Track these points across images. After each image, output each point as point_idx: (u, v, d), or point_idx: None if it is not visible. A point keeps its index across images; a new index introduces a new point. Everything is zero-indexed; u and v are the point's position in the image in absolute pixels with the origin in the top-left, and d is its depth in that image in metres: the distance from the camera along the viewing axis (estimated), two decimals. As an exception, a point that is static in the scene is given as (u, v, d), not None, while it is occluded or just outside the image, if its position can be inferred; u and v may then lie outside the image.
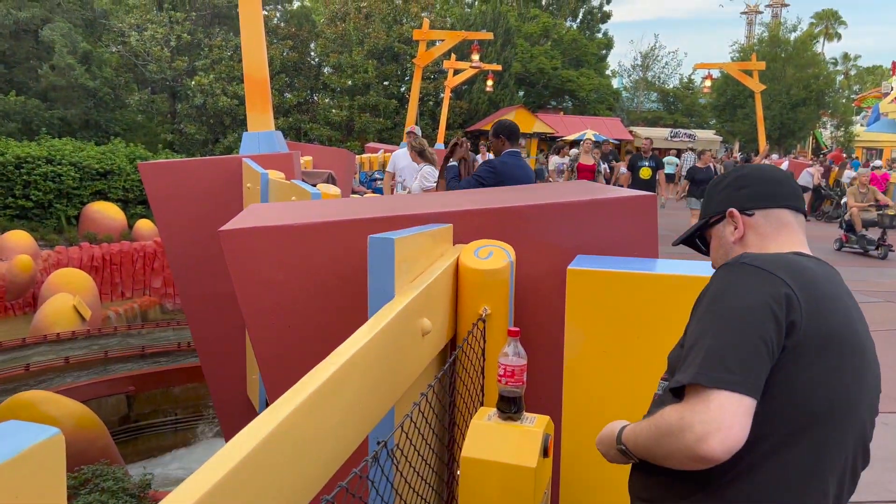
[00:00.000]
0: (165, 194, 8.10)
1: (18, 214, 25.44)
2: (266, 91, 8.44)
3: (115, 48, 32.31)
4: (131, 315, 23.99)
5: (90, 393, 13.69)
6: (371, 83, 34.79)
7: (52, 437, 0.88)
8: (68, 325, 19.53)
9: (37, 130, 27.44)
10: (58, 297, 20.02)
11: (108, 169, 26.87)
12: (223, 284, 8.09)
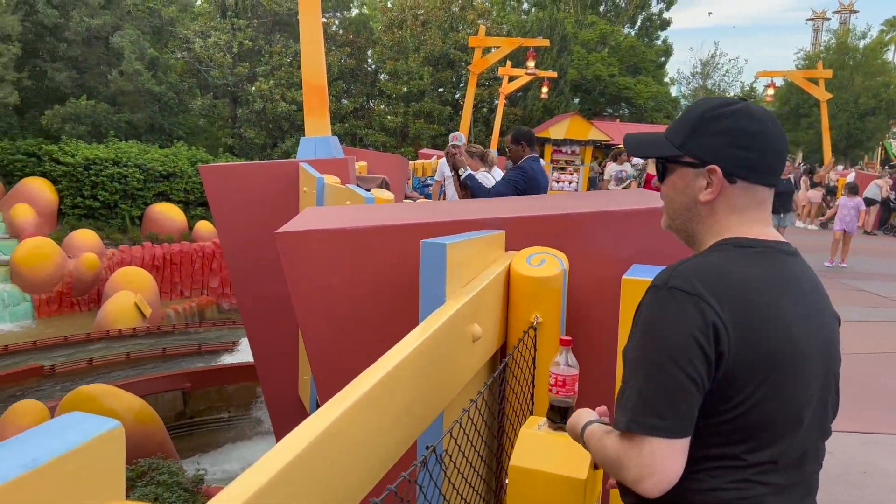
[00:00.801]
0: (225, 197, 8.30)
1: (86, 214, 26.48)
2: (324, 97, 8.58)
3: (180, 54, 33.39)
4: (189, 313, 24.67)
5: (149, 388, 14.12)
6: (426, 90, 35.04)
7: (113, 430, 0.90)
8: (130, 321, 20.21)
9: (105, 133, 28.54)
10: (120, 295, 20.75)
11: (170, 171, 27.74)
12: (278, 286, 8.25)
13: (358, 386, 1.55)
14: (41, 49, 30.17)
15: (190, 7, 34.19)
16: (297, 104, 31.19)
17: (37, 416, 10.90)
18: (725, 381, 1.47)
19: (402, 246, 2.61)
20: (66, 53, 29.65)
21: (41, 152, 26.66)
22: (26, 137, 27.73)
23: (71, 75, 29.43)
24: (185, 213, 27.76)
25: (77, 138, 27.66)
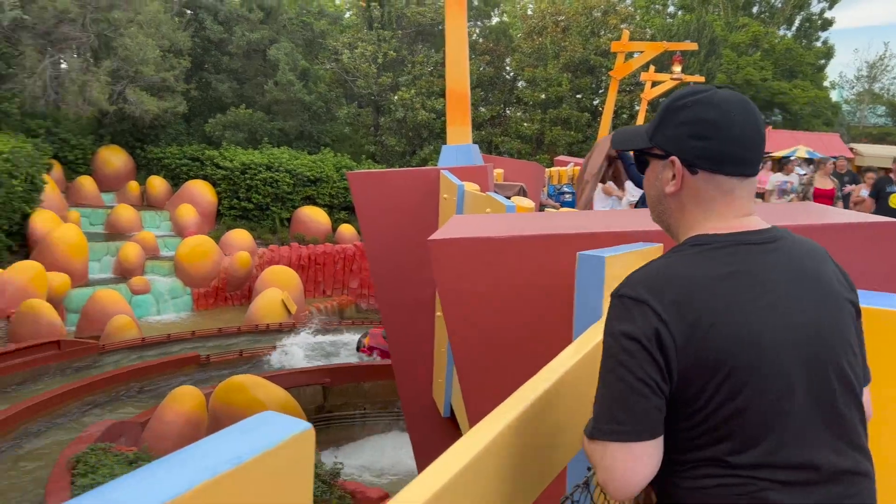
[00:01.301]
0: (369, 202, 8.60)
1: (241, 215, 28.51)
2: (466, 105, 8.69)
3: (329, 65, 35.17)
4: (330, 312, 25.85)
5: (292, 381, 14.92)
6: (564, 96, 34.68)
7: (305, 431, 0.94)
8: (277, 317, 21.48)
9: (260, 140, 30.58)
10: (269, 292, 22.12)
11: (317, 176, 29.26)
12: (416, 289, 8.44)
13: (518, 400, 1.52)
14: (207, 62, 32.86)
15: (339, 20, 35.95)
16: (436, 112, 31.91)
17: (194, 401, 11.82)
18: (682, 384, 1.48)
19: (555, 257, 2.56)
20: (229, 66, 32.09)
21: (204, 157, 29.01)
22: (192, 143, 30.28)
23: (232, 86, 31.81)
24: (330, 217, 29.17)
25: (235, 144, 29.83)
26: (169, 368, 16.58)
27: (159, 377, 16.37)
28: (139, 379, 16.23)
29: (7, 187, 20.69)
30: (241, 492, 0.81)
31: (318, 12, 34.09)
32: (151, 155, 29.35)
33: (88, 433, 11.61)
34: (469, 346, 2.74)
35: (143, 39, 26.25)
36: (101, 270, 23.18)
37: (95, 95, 25.15)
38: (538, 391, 1.56)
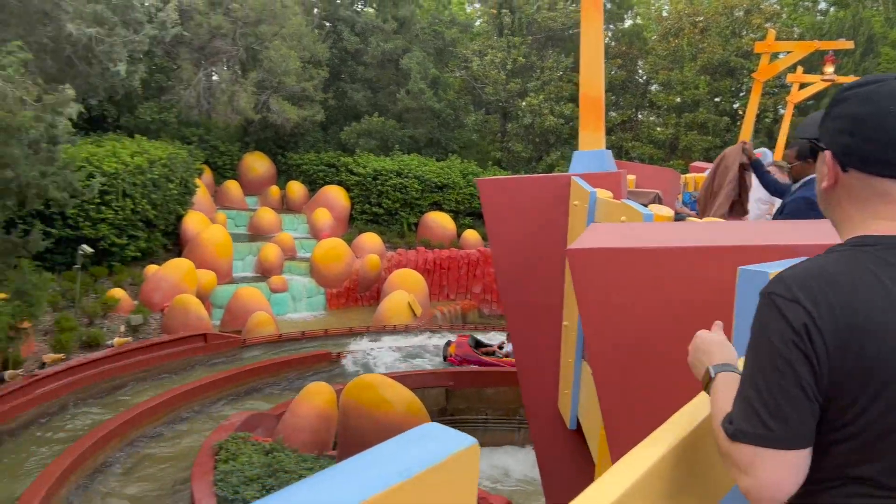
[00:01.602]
0: (498, 208, 8.59)
1: (371, 219, 29.51)
2: (600, 109, 8.48)
3: (459, 73, 35.68)
4: (454, 315, 26.18)
5: (417, 382, 15.19)
6: (701, 100, 33.20)
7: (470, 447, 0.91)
8: (403, 319, 22.01)
9: (391, 147, 31.51)
10: (396, 294, 22.72)
11: (444, 182, 29.76)
12: (543, 297, 8.33)
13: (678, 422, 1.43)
14: (343, 72, 34.30)
15: (470, 28, 36.40)
16: (564, 118, 31.53)
17: (326, 397, 12.30)
18: (833, 393, 1.39)
19: (712, 270, 2.40)
20: (364, 75, 33.32)
21: (339, 164, 30.30)
22: (328, 150, 31.71)
23: (366, 95, 33.00)
24: (455, 222, 29.57)
25: (368, 151, 30.92)
26: (303, 364, 17.40)
27: (293, 372, 17.22)
28: (275, 373, 17.14)
29: (164, 190, 22.54)
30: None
31: (449, 21, 34.68)
32: (291, 161, 31.02)
33: (230, 422, 12.38)
34: (610, 361, 2.63)
35: (286, 51, 27.80)
36: (244, 269, 24.71)
37: (242, 105, 26.91)
38: (697, 418, 1.46)
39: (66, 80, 14.25)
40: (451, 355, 17.98)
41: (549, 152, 32.70)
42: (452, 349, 18.34)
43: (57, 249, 18.81)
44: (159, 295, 19.92)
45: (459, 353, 18.04)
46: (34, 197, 14.02)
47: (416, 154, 31.28)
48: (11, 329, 14.09)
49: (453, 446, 0.89)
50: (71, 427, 13.50)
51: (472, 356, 17.92)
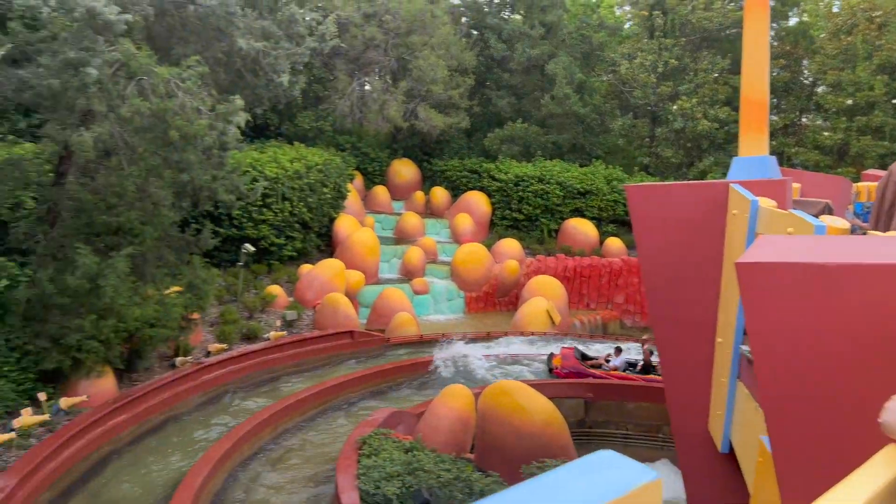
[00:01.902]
0: (648, 215, 8.28)
1: (512, 225, 29.54)
2: (764, 113, 7.95)
3: (606, 77, 34.89)
4: (593, 325, 25.56)
5: (555, 391, 14.96)
6: (877, 101, 30.25)
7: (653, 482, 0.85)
8: (541, 326, 21.80)
9: (533, 153, 31.39)
10: (534, 301, 22.56)
11: (587, 189, 29.20)
12: (696, 311, 7.90)
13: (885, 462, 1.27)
14: (489, 79, 34.63)
15: (619, 31, 35.53)
16: (718, 122, 29.92)
17: (464, 400, 12.42)
18: None
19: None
20: (508, 82, 33.46)
21: (481, 169, 30.63)
22: (471, 157, 32.14)
23: (510, 101, 33.11)
24: (598, 229, 28.93)
25: (511, 157, 30.99)
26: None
27: (433, 373, 17.56)
28: (415, 372, 17.57)
29: (319, 194, 23.83)
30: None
31: (597, 25, 34.04)
32: (436, 167, 31.76)
33: (374, 418, 12.82)
34: (781, 385, 2.41)
35: (435, 60, 28.50)
36: (389, 271, 25.58)
37: (392, 113, 27.90)
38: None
39: (236, 91, 15.45)
40: (557, 367, 17.44)
41: (702, 158, 31.14)
42: (557, 361, 17.83)
43: (223, 247, 20.40)
44: (312, 292, 21.06)
45: (566, 366, 17.49)
46: (205, 199, 15.29)
47: (558, 160, 30.95)
48: (183, 319, 15.43)
49: (635, 479, 0.83)
50: (230, 412, 14.56)
51: (579, 369, 17.34)
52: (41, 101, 12.83)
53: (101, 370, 13.25)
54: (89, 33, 12.26)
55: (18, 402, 11.98)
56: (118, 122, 12.62)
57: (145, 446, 12.77)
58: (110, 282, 12.63)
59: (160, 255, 15.09)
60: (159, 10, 15.12)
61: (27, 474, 10.19)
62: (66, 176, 13.99)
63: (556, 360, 17.86)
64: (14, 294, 12.40)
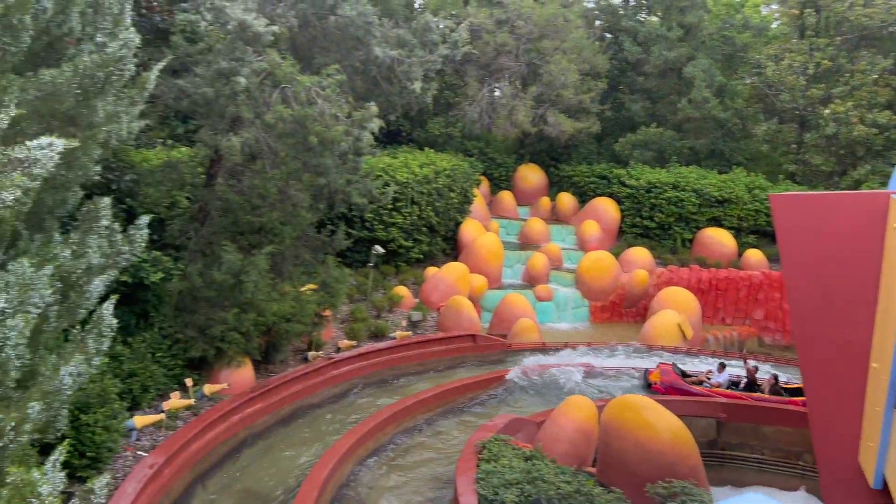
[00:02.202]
0: (796, 227, 7.72)
1: (642, 233, 28.56)
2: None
3: (749, 80, 32.97)
4: (728, 342, 24.20)
5: (684, 409, 14.28)
6: None
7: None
8: (671, 340, 20.90)
9: (668, 159, 30.21)
10: (664, 313, 21.66)
11: (726, 197, 27.71)
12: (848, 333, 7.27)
13: None
14: (622, 83, 33.75)
15: (765, 31, 33.47)
16: (877, 127, 27.45)
17: (587, 412, 12.13)
18: None
19: None
20: (643, 86, 32.46)
21: (611, 175, 29.87)
22: (601, 162, 31.43)
23: (644, 105, 32.10)
24: (736, 240, 27.38)
25: (643, 163, 30.01)
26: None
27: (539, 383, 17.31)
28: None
29: (446, 199, 24.21)
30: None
31: (741, 25, 32.26)
32: (563, 173, 31.34)
33: (494, 423, 12.80)
34: None
35: (566, 65, 28.16)
36: (513, 276, 25.51)
37: (521, 118, 27.85)
38: None
39: (371, 98, 16.01)
40: (655, 383, 16.52)
41: (856, 166, 28.65)
42: (655, 377, 16.86)
43: (355, 248, 21.18)
44: (437, 295, 21.41)
45: (666, 381, 16.54)
46: (340, 202, 15.96)
47: (695, 166, 29.59)
48: (316, 316, 16.16)
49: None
50: (356, 408, 15.06)
51: (680, 385, 16.33)
52: (196, 108, 13.91)
53: (241, 360, 14.12)
54: (240, 45, 13.15)
55: (168, 386, 13.01)
56: (263, 128, 13.44)
57: (277, 435, 13.47)
58: (251, 278, 13.45)
59: (297, 253, 15.92)
60: (303, 22, 15.96)
61: (173, 453, 11.03)
62: (215, 178, 15.07)
63: (654, 375, 17.02)
64: (168, 286, 13.49)
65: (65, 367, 4.83)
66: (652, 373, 17.26)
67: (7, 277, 4.72)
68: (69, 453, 9.69)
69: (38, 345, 5.29)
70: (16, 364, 4.40)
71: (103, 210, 6.34)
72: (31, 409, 4.23)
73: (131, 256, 6.88)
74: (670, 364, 17.49)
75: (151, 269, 12.66)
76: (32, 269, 4.89)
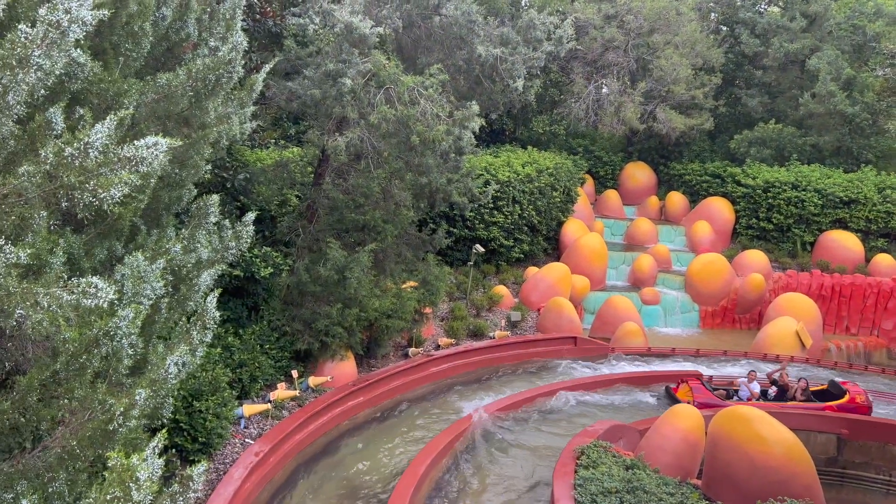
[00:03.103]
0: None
1: (758, 235, 27.01)
2: None
3: (882, 71, 30.50)
4: (853, 352, 22.52)
5: (800, 423, 13.41)
6: None
7: None
8: (788, 348, 19.66)
9: (788, 157, 28.43)
10: (781, 320, 20.39)
11: (853, 197, 25.76)
12: None
13: None
14: (738, 78, 32.06)
15: (901, 18, 30.84)
16: None
17: (693, 421, 11.59)
18: None
19: None
20: (761, 80, 30.71)
21: (725, 174, 28.43)
22: (714, 160, 30.00)
23: (762, 101, 30.36)
24: (864, 244, 25.41)
25: (760, 161, 28.41)
26: (669, 382, 16.71)
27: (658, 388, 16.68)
28: (640, 386, 16.82)
29: (549, 198, 23.87)
30: None
31: (873, 13, 29.88)
32: (673, 171, 30.16)
33: (593, 429, 12.49)
34: None
35: (678, 59, 27.07)
36: (617, 278, 24.82)
37: (629, 115, 27.02)
38: None
39: (472, 97, 16.00)
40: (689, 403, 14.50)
41: None
42: (684, 395, 15.31)
43: (455, 247, 21.27)
44: (537, 295, 21.15)
45: (699, 400, 14.93)
46: (441, 200, 16.05)
47: (817, 164, 27.69)
48: (416, 313, 16.35)
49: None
50: (453, 405, 15.12)
51: (716, 402, 14.81)
52: (306, 109, 14.39)
53: (344, 354, 14.50)
54: (346, 46, 13.48)
55: (275, 377, 13.54)
56: (367, 128, 13.72)
57: (377, 429, 13.74)
58: (355, 274, 13.77)
59: (399, 251, 16.16)
60: (407, 23, 16.17)
61: (278, 442, 11.46)
62: (323, 177, 15.54)
63: (681, 392, 15.53)
64: (277, 281, 14.04)
65: (170, 356, 5.10)
66: (677, 389, 15.83)
67: (122, 270, 5.04)
68: (182, 438, 10.28)
69: (151, 334, 5.63)
70: (128, 352, 4.69)
71: (212, 207, 6.66)
72: (138, 395, 4.48)
73: (238, 252, 7.17)
74: (697, 378, 16.07)
75: (262, 265, 13.21)
76: (146, 263, 5.20)
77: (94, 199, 3.88)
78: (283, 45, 15.03)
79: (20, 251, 3.89)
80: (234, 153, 15.05)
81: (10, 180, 3.94)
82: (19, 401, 4.35)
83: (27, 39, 3.98)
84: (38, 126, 4.39)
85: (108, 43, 6.32)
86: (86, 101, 5.80)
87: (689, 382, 15.86)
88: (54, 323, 4.08)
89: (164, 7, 7.23)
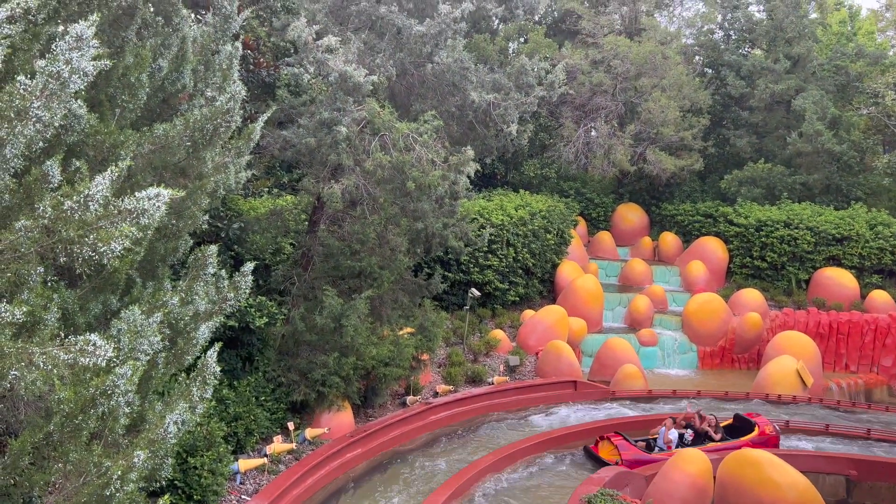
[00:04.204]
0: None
1: (753, 274, 27.00)
2: None
3: (866, 110, 31.04)
4: (854, 390, 22.32)
5: (808, 464, 13.14)
6: None
7: None
8: (789, 388, 19.45)
9: (778, 195, 28.66)
10: (781, 359, 20.21)
11: (845, 234, 25.89)
12: None
13: None
14: (726, 118, 32.52)
15: (882, 59, 31.51)
16: None
17: (700, 466, 11.32)
18: None
19: None
20: (748, 120, 31.15)
21: (717, 214, 28.57)
22: (705, 200, 30.18)
23: (751, 141, 30.75)
24: (858, 280, 25.42)
25: (751, 200, 28.60)
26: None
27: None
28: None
29: (542, 240, 23.86)
30: None
31: (854, 54, 30.55)
32: (665, 212, 30.30)
33: (599, 476, 12.18)
34: None
35: (666, 102, 27.45)
36: (613, 319, 24.65)
37: (619, 157, 27.27)
38: None
39: (466, 143, 16.07)
40: (617, 462, 13.73)
41: None
42: (607, 454, 14.15)
43: (451, 291, 21.12)
44: (534, 338, 20.93)
45: (627, 458, 13.81)
46: (437, 245, 15.97)
47: (808, 202, 27.90)
48: (414, 360, 16.10)
49: None
50: (453, 455, 14.75)
51: (645, 458, 13.90)
52: (300, 158, 14.39)
53: (342, 404, 14.20)
54: (341, 95, 13.55)
55: (271, 429, 13.21)
56: (363, 175, 13.71)
57: (375, 482, 13.36)
58: (351, 321, 13.58)
59: (395, 297, 16.00)
60: (401, 71, 16.32)
61: (275, 498, 11.10)
62: (318, 224, 15.46)
63: (605, 452, 14.25)
64: (272, 330, 13.81)
65: (169, 414, 4.90)
66: (597, 447, 14.50)
67: (119, 325, 4.89)
68: (177, 496, 9.92)
69: (148, 391, 5.43)
70: (125, 411, 4.51)
71: (210, 258, 6.53)
72: (136, 457, 4.29)
73: (236, 303, 7.02)
74: (619, 435, 14.51)
75: (257, 314, 13.01)
76: (143, 317, 5.05)
77: (93, 254, 3.77)
78: (276, 95, 15.11)
79: (15, 309, 3.75)
80: (227, 202, 14.98)
81: (6, 235, 3.82)
82: (11, 465, 4.15)
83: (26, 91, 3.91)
84: (35, 179, 4.29)
85: (104, 94, 6.28)
86: (82, 154, 5.72)
87: (611, 439, 14.49)
88: (48, 382, 3.91)
89: (161, 58, 7.22)
